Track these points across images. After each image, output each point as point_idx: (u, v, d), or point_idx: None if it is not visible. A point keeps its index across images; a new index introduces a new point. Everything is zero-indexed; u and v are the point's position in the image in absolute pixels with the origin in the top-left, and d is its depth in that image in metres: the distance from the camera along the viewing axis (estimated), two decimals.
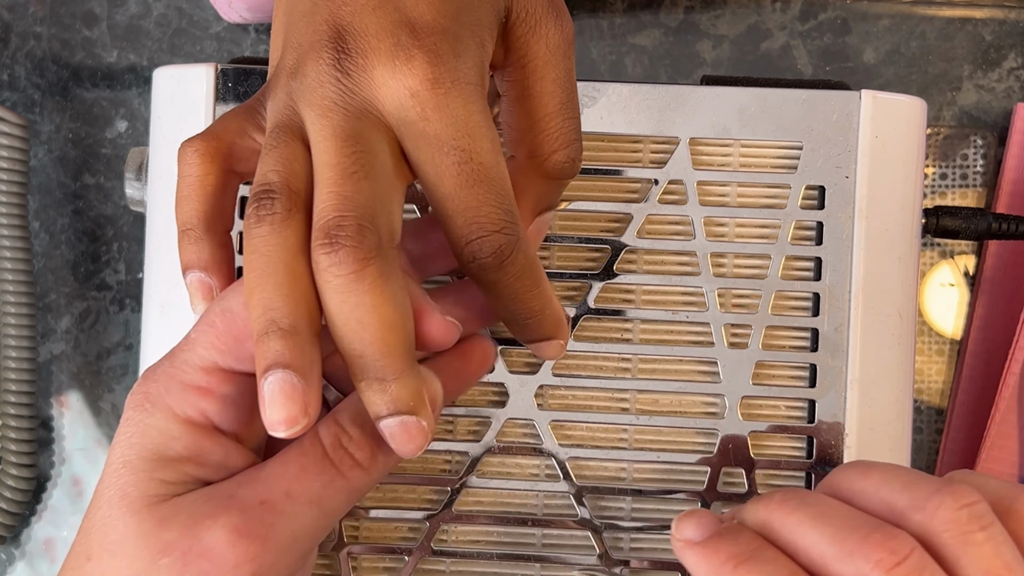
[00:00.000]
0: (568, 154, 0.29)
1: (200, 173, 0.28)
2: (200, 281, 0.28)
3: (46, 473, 0.49)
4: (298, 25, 0.27)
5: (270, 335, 0.24)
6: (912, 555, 0.22)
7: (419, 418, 0.25)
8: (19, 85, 0.50)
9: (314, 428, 0.27)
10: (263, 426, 0.25)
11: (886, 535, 0.23)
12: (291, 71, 0.26)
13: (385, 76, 0.25)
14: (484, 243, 0.26)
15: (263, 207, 0.25)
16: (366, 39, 0.25)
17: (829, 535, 0.24)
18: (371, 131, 0.25)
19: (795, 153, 0.35)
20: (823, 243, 0.35)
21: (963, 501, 0.24)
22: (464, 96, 0.25)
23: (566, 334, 0.31)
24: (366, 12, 0.25)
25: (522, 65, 0.28)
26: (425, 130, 0.25)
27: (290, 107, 0.26)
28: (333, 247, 0.24)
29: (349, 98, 0.25)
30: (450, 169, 0.25)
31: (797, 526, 0.24)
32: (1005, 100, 0.49)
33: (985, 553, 0.23)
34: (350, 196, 0.24)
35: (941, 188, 0.48)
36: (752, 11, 0.49)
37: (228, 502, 0.26)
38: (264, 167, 0.26)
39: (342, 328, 0.25)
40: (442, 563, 0.35)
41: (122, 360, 0.49)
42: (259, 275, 0.25)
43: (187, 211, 0.28)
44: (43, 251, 0.49)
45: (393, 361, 0.25)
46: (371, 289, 0.24)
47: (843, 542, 0.23)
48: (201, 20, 0.50)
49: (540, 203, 0.30)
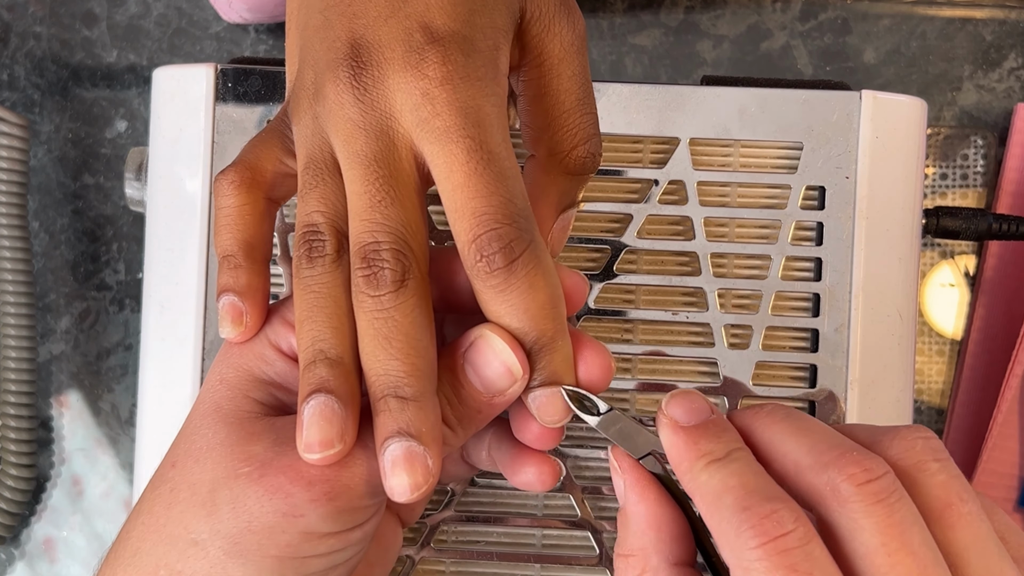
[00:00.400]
0: (588, 148, 0.29)
1: (238, 204, 0.28)
2: (233, 305, 0.28)
3: (46, 473, 0.49)
4: (312, 41, 0.27)
5: (317, 363, 0.26)
6: (885, 476, 0.22)
7: (424, 449, 0.25)
8: (19, 85, 0.50)
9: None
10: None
11: (864, 455, 0.23)
12: (312, 93, 0.27)
13: (399, 81, 0.26)
14: (493, 236, 0.25)
15: (315, 250, 0.26)
16: (380, 50, 0.26)
17: (807, 446, 0.24)
18: (393, 150, 0.26)
19: (795, 153, 0.35)
20: (823, 243, 0.35)
21: (918, 434, 0.24)
22: (474, 90, 0.26)
23: (572, 383, 0.27)
24: (379, 23, 0.26)
25: (538, 64, 0.29)
26: (437, 125, 0.25)
27: (319, 135, 0.27)
28: (371, 269, 0.25)
29: (369, 115, 0.26)
30: (460, 157, 0.25)
31: (778, 434, 0.25)
32: (1005, 100, 0.49)
33: (939, 481, 0.23)
34: (381, 223, 0.25)
35: (941, 188, 0.48)
36: (752, 11, 0.49)
37: None
38: (308, 207, 0.27)
39: (370, 343, 0.25)
40: (442, 563, 0.35)
41: (122, 360, 0.49)
42: (310, 309, 0.26)
43: (227, 240, 0.28)
44: (43, 251, 0.49)
45: (415, 380, 0.25)
46: (401, 307, 0.25)
47: (820, 454, 0.23)
48: (201, 20, 0.50)
49: (563, 199, 0.30)
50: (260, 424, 0.27)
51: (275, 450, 0.26)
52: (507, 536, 0.35)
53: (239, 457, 0.26)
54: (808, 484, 0.23)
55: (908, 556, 0.22)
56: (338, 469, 0.25)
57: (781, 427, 0.25)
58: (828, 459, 0.23)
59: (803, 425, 0.25)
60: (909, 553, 0.22)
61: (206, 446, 0.27)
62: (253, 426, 0.27)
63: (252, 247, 0.28)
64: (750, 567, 0.22)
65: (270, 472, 0.25)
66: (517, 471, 0.30)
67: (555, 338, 0.26)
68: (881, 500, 0.22)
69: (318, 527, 0.25)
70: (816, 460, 0.23)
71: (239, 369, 0.28)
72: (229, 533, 0.25)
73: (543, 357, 0.26)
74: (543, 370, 0.26)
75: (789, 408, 0.26)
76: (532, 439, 0.28)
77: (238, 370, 0.28)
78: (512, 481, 0.30)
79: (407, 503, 0.26)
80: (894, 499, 0.22)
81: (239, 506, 0.25)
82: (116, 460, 0.49)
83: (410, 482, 0.25)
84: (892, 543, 0.22)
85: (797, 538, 0.22)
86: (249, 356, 0.28)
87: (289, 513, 0.25)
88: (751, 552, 0.22)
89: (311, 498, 0.25)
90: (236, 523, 0.25)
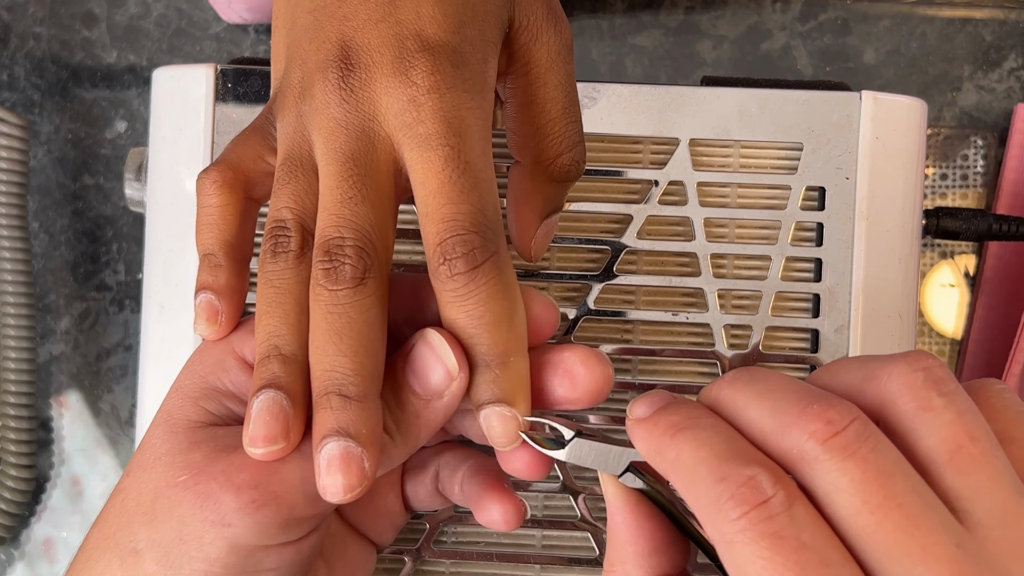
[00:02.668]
0: (573, 156, 0.30)
1: (220, 203, 0.28)
2: (209, 304, 0.28)
3: (45, 474, 0.49)
4: (301, 41, 0.27)
5: (271, 359, 0.25)
6: (852, 425, 0.21)
7: (362, 451, 0.24)
8: (19, 86, 0.50)
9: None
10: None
11: (825, 405, 0.21)
12: (299, 92, 0.27)
13: (387, 85, 0.26)
14: (458, 241, 0.25)
15: (280, 245, 0.26)
16: (369, 53, 0.26)
17: (769, 409, 0.22)
18: (371, 151, 0.26)
19: (795, 154, 0.35)
20: (823, 244, 0.35)
21: (918, 364, 0.22)
22: (459, 101, 0.26)
23: (526, 408, 0.26)
24: (369, 27, 0.26)
25: (525, 72, 0.29)
26: (419, 131, 0.25)
27: (300, 133, 0.27)
28: (332, 263, 0.25)
29: (353, 115, 0.26)
30: (436, 164, 0.25)
31: (742, 401, 0.23)
32: (1005, 101, 0.49)
33: (945, 420, 0.21)
34: (349, 219, 0.25)
35: (941, 189, 0.48)
36: (752, 11, 0.49)
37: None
38: (278, 202, 0.27)
39: (321, 338, 0.25)
40: (442, 563, 0.35)
41: (121, 361, 0.49)
42: (269, 304, 0.26)
43: (209, 239, 0.28)
44: (42, 252, 0.49)
45: (361, 380, 0.25)
46: (357, 305, 0.25)
47: (782, 415, 0.22)
48: (201, 20, 0.50)
49: (547, 206, 0.31)
50: (204, 433, 0.27)
51: (211, 457, 0.26)
52: (507, 537, 0.35)
53: (179, 465, 0.26)
54: (777, 450, 0.22)
55: (894, 509, 0.20)
56: (268, 475, 0.25)
57: (744, 393, 0.23)
58: (790, 419, 0.21)
59: (765, 387, 0.23)
60: (895, 506, 0.20)
61: (154, 456, 0.27)
62: (196, 435, 0.27)
63: (232, 247, 0.28)
64: (733, 540, 0.20)
65: (203, 479, 0.25)
66: (483, 508, 0.30)
67: (508, 353, 0.26)
68: (852, 453, 0.20)
69: (246, 539, 0.25)
70: (779, 423, 0.22)
71: (195, 377, 0.28)
72: (163, 542, 0.25)
73: (492, 370, 0.25)
74: (493, 384, 0.26)
75: (754, 370, 0.24)
76: (517, 468, 0.27)
77: (194, 378, 0.28)
78: (479, 518, 0.30)
79: (339, 503, 0.25)
80: (867, 448, 0.20)
81: (173, 514, 0.25)
82: (116, 461, 0.49)
83: (344, 483, 0.24)
84: (873, 499, 0.20)
85: (779, 503, 0.20)
86: (209, 363, 0.28)
87: (217, 522, 0.25)
88: (732, 524, 0.20)
89: (238, 506, 0.25)
90: (169, 532, 0.25)
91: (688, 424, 0.23)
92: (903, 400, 0.21)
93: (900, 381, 0.22)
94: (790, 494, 0.20)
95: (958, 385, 0.22)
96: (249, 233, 0.29)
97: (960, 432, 0.21)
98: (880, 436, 0.21)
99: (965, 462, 0.21)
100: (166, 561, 0.25)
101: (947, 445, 0.21)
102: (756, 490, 0.20)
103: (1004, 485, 0.21)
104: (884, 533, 0.20)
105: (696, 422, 0.23)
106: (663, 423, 0.23)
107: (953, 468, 0.21)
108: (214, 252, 0.28)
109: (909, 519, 0.20)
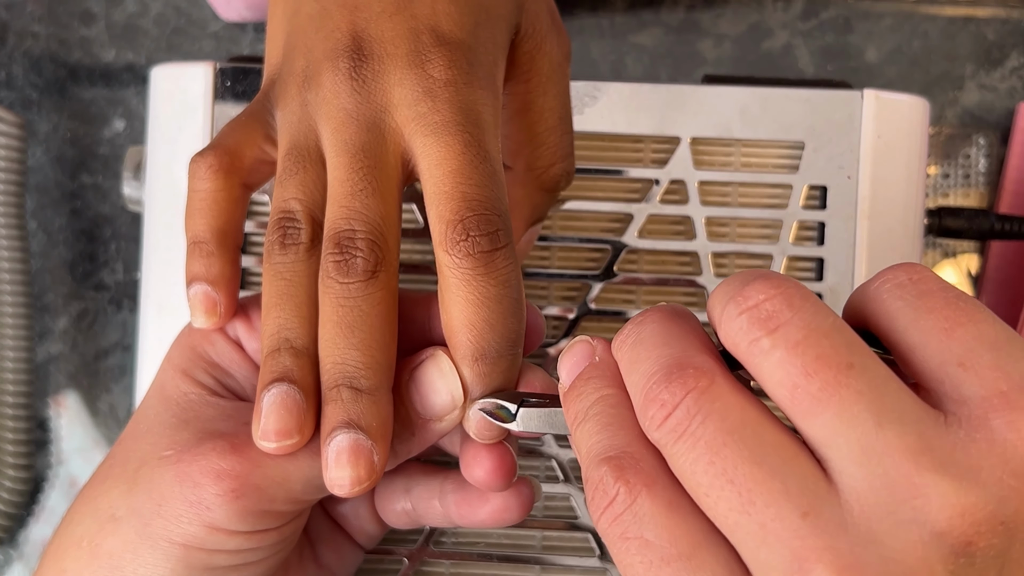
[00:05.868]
0: (564, 167, 0.30)
1: (213, 188, 0.28)
2: (206, 295, 0.28)
3: (43, 474, 0.49)
4: (306, 28, 0.27)
5: (282, 352, 0.25)
6: (683, 403, 0.20)
7: (372, 444, 0.24)
8: (16, 84, 0.50)
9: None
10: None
11: (661, 382, 0.20)
12: (303, 80, 0.26)
13: (401, 77, 0.25)
14: (483, 220, 0.24)
15: (289, 237, 0.26)
16: (382, 45, 0.26)
17: (634, 385, 0.21)
18: (381, 143, 0.26)
19: (797, 153, 0.35)
20: (825, 243, 0.34)
21: (745, 304, 0.20)
22: (475, 96, 0.25)
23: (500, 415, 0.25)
24: (383, 19, 0.26)
25: (526, 79, 0.29)
26: (435, 119, 0.25)
27: (306, 122, 0.26)
28: (344, 256, 0.24)
29: (364, 106, 0.25)
30: (456, 148, 0.25)
31: (625, 366, 0.22)
32: (1008, 99, 0.49)
33: (775, 360, 0.19)
34: (360, 211, 0.25)
35: (944, 188, 0.48)
36: (754, 10, 0.49)
37: (239, 425, 0.26)
38: (286, 193, 0.26)
39: (331, 330, 0.25)
40: (442, 564, 0.35)
41: (120, 361, 0.49)
42: (279, 296, 0.26)
43: (199, 225, 0.28)
44: (40, 251, 0.49)
45: (373, 373, 0.25)
46: (369, 298, 0.25)
47: (637, 394, 0.21)
48: (199, 19, 0.49)
49: (534, 214, 0.31)
50: (193, 412, 0.27)
51: (196, 439, 0.26)
52: (507, 537, 0.35)
53: (166, 441, 0.26)
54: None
55: (726, 487, 0.19)
56: (250, 467, 0.25)
57: (624, 360, 0.22)
58: (640, 401, 0.21)
59: (635, 354, 0.22)
60: (726, 482, 0.19)
61: (146, 427, 0.27)
62: (187, 413, 0.27)
63: (225, 234, 0.28)
64: (605, 540, 0.20)
65: (185, 460, 0.25)
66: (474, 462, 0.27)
67: (516, 343, 0.25)
68: (681, 434, 0.20)
69: (224, 523, 0.25)
70: (637, 404, 0.21)
71: (185, 348, 0.28)
72: (142, 513, 0.25)
73: (488, 362, 0.25)
74: (487, 377, 0.25)
75: (642, 324, 0.22)
76: (478, 477, 0.27)
77: (184, 349, 0.28)
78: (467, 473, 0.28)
79: (346, 496, 0.25)
80: (695, 425, 0.19)
81: (154, 488, 0.25)
82: None
83: (352, 475, 0.24)
84: (706, 479, 0.19)
85: (621, 502, 0.20)
86: (197, 335, 0.29)
87: (196, 503, 0.25)
88: (599, 527, 0.20)
89: (217, 493, 0.25)
90: (149, 504, 0.25)
91: (583, 417, 0.22)
92: (739, 349, 0.20)
93: (730, 327, 0.20)
94: (631, 489, 0.20)
95: (803, 305, 0.19)
96: (241, 221, 0.29)
97: (793, 370, 0.19)
98: (714, 404, 0.19)
99: (806, 403, 0.19)
100: (145, 532, 0.25)
101: (783, 388, 0.19)
102: (604, 492, 0.20)
103: (857, 419, 0.18)
104: (723, 515, 0.19)
105: (592, 408, 0.22)
106: (572, 410, 0.23)
107: (797, 413, 0.19)
108: (206, 240, 0.28)
109: (742, 496, 0.19)
